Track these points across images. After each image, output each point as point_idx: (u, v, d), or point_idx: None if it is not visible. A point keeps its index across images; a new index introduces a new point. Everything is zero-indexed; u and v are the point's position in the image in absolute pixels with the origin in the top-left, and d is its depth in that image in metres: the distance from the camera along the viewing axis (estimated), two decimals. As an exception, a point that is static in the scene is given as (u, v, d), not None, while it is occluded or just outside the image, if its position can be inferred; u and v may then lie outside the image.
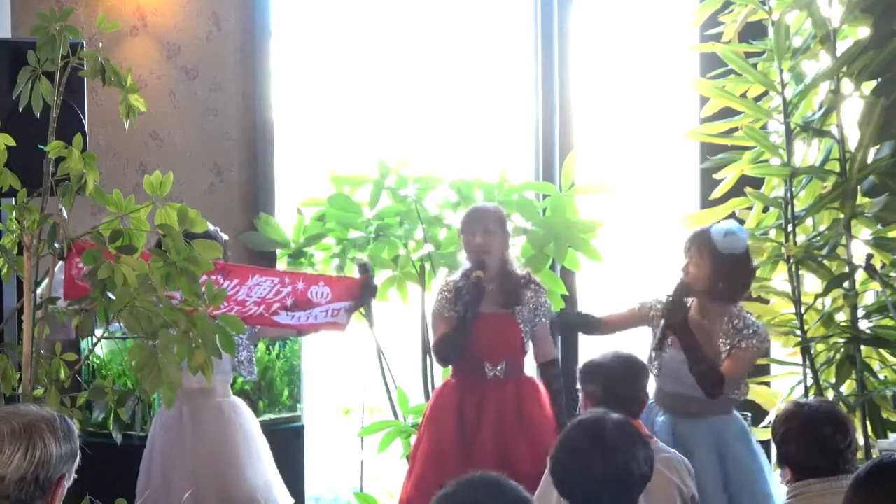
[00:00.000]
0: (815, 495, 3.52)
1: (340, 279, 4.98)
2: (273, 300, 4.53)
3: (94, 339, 3.91)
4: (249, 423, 5.03)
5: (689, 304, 4.47)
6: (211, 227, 4.40)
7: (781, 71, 5.06)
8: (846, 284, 4.91)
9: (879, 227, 4.89)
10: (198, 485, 4.77)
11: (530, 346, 4.88)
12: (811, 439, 3.56)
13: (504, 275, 4.82)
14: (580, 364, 4.17)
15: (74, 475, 2.76)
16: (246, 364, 4.98)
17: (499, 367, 4.79)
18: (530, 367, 4.98)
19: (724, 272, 4.39)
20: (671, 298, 4.40)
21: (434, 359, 5.01)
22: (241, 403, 5.07)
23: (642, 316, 4.61)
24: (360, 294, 4.78)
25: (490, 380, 4.79)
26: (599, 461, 3.02)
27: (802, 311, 5.03)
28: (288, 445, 5.91)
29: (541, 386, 4.86)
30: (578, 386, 4.07)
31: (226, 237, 4.84)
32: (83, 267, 3.42)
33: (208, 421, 4.88)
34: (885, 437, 4.80)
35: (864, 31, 4.89)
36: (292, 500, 5.15)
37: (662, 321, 4.42)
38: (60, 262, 3.79)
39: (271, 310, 4.52)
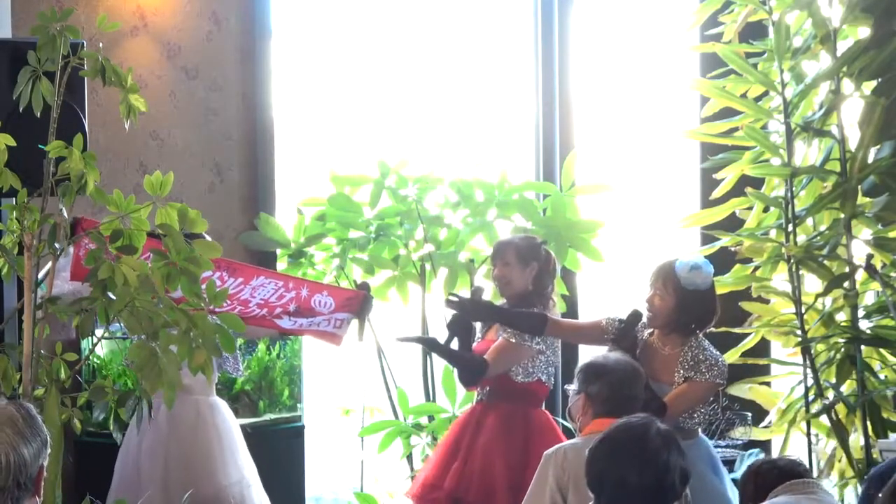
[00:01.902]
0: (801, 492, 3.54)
1: (343, 290, 4.97)
2: (276, 304, 4.52)
3: (95, 339, 3.92)
4: (226, 423, 5.03)
5: (651, 331, 4.44)
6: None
7: (782, 71, 5.06)
8: (846, 284, 4.90)
9: (880, 227, 4.88)
10: (168, 480, 4.78)
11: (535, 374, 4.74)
12: (769, 468, 3.67)
13: (514, 304, 4.68)
14: (580, 364, 4.13)
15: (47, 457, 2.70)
16: (231, 361, 4.99)
17: (486, 390, 4.77)
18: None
19: (687, 306, 4.29)
20: (622, 325, 4.39)
21: None
22: (220, 403, 5.07)
23: (605, 329, 4.53)
24: (360, 309, 4.77)
25: (477, 402, 4.79)
26: (636, 470, 3.00)
27: (803, 310, 5.03)
28: (288, 445, 5.92)
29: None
30: (573, 387, 4.03)
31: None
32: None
33: (184, 418, 4.89)
34: (886, 436, 4.80)
35: (864, 31, 4.88)
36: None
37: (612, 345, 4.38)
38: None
39: (273, 313, 4.52)
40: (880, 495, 2.65)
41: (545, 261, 4.75)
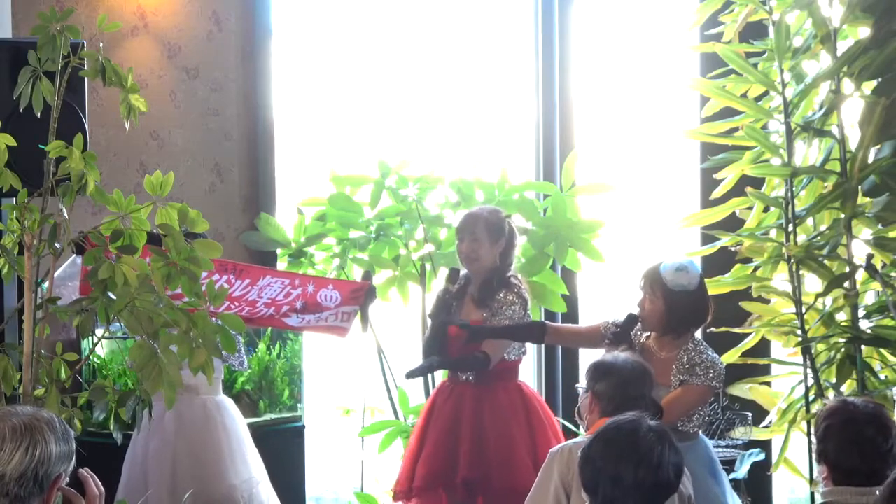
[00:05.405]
0: None
1: (348, 283, 4.98)
2: (283, 302, 4.54)
3: (95, 339, 3.92)
4: (234, 422, 5.04)
5: (648, 334, 4.42)
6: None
7: (782, 71, 5.06)
8: (847, 284, 4.90)
9: (880, 226, 4.88)
10: (177, 481, 4.79)
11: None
12: (850, 438, 3.39)
13: (486, 279, 4.78)
14: (590, 363, 4.12)
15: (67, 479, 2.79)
16: (236, 356, 5.00)
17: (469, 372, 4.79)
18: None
19: (677, 308, 4.28)
20: (618, 329, 4.38)
21: None
22: (227, 402, 5.08)
23: (603, 334, 4.53)
24: (365, 300, 4.80)
25: (462, 383, 4.80)
26: (631, 467, 3.00)
27: (803, 310, 5.03)
28: (289, 445, 5.92)
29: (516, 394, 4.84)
30: (581, 386, 4.04)
31: None
32: None
33: (191, 418, 4.90)
34: (886, 437, 4.79)
35: (864, 31, 4.88)
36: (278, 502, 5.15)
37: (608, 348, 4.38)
38: (73, 257, 3.78)
39: (281, 311, 4.54)
40: (878, 493, 2.62)
41: (510, 235, 4.84)
